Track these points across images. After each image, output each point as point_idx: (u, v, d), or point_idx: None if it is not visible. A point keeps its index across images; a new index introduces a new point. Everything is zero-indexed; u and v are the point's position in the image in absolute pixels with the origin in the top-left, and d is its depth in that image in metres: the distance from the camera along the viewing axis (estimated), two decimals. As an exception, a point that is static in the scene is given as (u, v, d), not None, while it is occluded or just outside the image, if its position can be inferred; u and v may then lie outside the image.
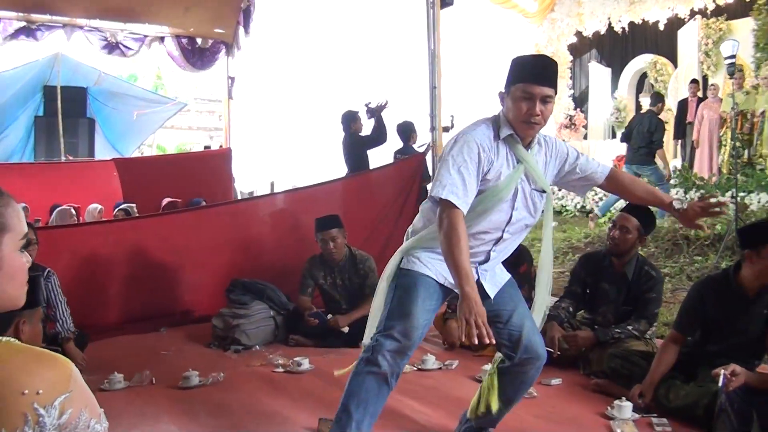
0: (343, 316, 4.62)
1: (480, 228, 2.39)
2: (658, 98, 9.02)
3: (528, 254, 4.53)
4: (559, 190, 10.89)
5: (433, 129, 6.55)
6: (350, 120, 7.27)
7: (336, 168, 8.67)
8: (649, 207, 3.98)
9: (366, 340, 2.48)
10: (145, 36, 9.35)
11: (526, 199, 2.43)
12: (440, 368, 4.01)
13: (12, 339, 1.06)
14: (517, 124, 2.34)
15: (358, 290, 4.80)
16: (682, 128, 11.19)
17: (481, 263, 2.48)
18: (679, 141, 11.49)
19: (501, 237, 2.45)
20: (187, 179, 8.63)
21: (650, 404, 3.19)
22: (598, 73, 14.57)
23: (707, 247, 6.56)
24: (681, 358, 3.39)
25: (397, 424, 3.08)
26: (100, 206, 7.26)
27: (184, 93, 19.96)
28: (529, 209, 2.45)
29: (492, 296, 2.48)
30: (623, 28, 13.53)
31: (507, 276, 2.62)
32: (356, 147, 7.25)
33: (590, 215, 9.37)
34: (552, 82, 2.32)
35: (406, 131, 7.07)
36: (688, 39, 12.23)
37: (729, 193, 8.23)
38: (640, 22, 13.17)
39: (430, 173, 6.40)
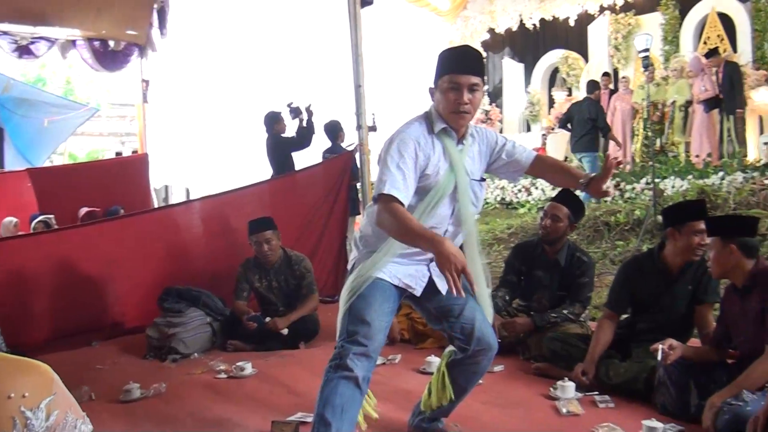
0: (281, 318, 4.57)
1: (428, 224, 2.37)
2: (594, 85, 9.37)
3: None
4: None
5: (359, 128, 6.56)
6: (273, 121, 7.19)
7: (259, 170, 8.59)
8: (578, 195, 4.15)
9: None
10: (56, 39, 8.99)
11: (467, 191, 2.45)
12: (384, 363, 4.02)
13: None
14: (448, 115, 2.36)
15: (294, 291, 4.77)
16: (595, 119, 11.63)
17: (432, 260, 2.46)
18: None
19: (446, 230, 2.47)
20: (104, 187, 8.32)
21: (592, 382, 3.32)
22: (512, 68, 14.93)
23: (627, 232, 6.85)
24: (615, 338, 3.54)
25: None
26: (15, 219, 6.91)
27: (95, 98, 19.28)
28: (471, 200, 2.47)
29: (444, 291, 2.50)
30: (534, 25, 13.91)
31: None
32: (280, 148, 7.18)
33: None
34: (477, 70, 2.33)
35: (334, 130, 7.06)
36: (598, 34, 12.69)
37: (644, 180, 8.63)
38: (551, 18, 13.57)
39: (359, 171, 6.42)
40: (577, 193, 4.05)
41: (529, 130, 14.56)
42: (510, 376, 3.69)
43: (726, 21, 10.88)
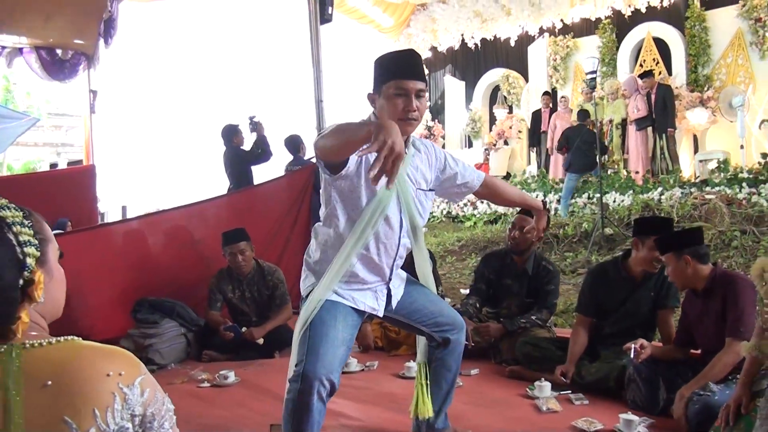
0: (257, 328, 4.65)
1: (379, 240, 2.37)
2: (585, 114, 9.71)
3: (431, 255, 4.82)
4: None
5: (321, 141, 6.72)
6: (231, 134, 7.25)
7: (214, 183, 8.61)
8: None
9: (290, 374, 2.31)
10: (3, 47, 8.78)
11: (413, 201, 2.42)
12: (363, 370, 4.17)
13: (75, 337, 1.16)
14: (396, 122, 2.23)
15: (267, 302, 4.86)
16: (536, 137, 12.09)
17: (390, 280, 2.49)
18: (534, 148, 12.37)
19: (399, 243, 2.43)
20: (50, 199, 8.14)
21: (566, 382, 3.56)
22: (453, 85, 15.31)
23: (575, 244, 7.20)
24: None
25: (341, 423, 3.21)
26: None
27: (35, 107, 18.70)
28: (418, 210, 2.45)
29: (395, 304, 2.53)
30: (476, 44, 14.32)
31: (404, 275, 2.65)
32: (239, 161, 7.24)
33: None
34: (422, 76, 2.29)
35: (295, 144, 7.17)
36: (538, 55, 13.21)
37: (585, 195, 9.05)
38: (492, 38, 14.01)
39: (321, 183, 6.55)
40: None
41: (471, 146, 14.95)
42: (486, 378, 3.89)
43: (661, 45, 11.52)
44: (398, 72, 2.25)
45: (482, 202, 11.18)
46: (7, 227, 1.12)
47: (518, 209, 4.75)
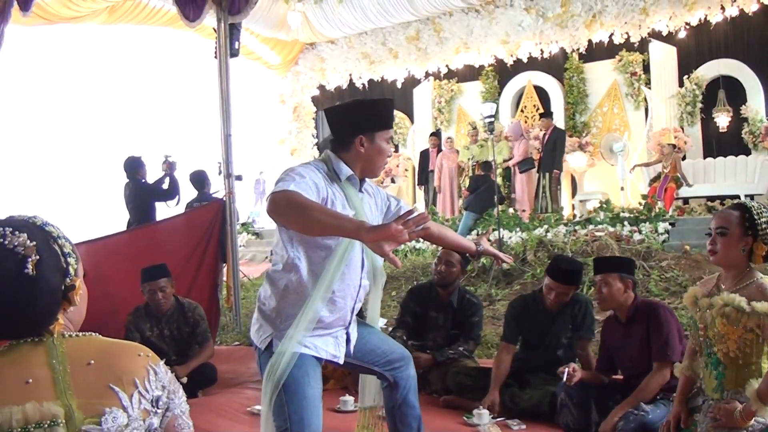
0: (180, 367, 4.51)
1: (343, 284, 2.32)
2: (488, 166, 10.07)
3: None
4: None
5: (229, 176, 6.67)
6: (135, 166, 7.05)
7: (110, 218, 8.27)
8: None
9: None
10: None
11: None
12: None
13: (93, 333, 1.33)
14: (376, 169, 2.41)
15: (186, 340, 4.74)
16: (424, 176, 12.49)
17: (350, 322, 2.45)
18: (423, 186, 12.77)
19: (360, 285, 2.41)
20: None
21: (500, 409, 3.74)
22: (341, 124, 15.52)
23: (474, 278, 7.51)
24: (512, 370, 4.02)
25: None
26: None
27: None
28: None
29: (352, 348, 2.49)
30: (363, 84, 14.65)
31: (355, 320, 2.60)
32: (142, 195, 7.05)
33: None
34: None
35: (200, 180, 7.06)
36: (423, 97, 13.74)
37: (474, 232, 9.46)
38: (380, 79, 14.40)
39: (227, 218, 6.50)
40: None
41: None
42: (422, 409, 3.98)
43: (541, 92, 12.32)
44: (389, 122, 2.41)
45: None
46: (53, 239, 1.30)
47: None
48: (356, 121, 2.37)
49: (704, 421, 2.50)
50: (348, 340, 2.45)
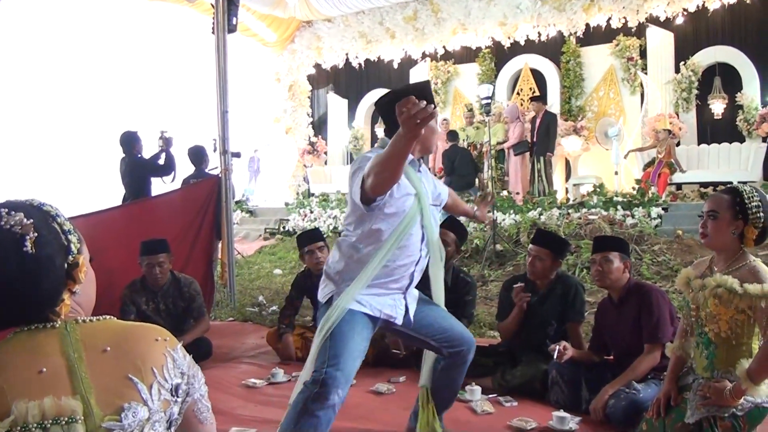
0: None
1: (404, 253, 2.57)
2: (455, 135, 10.11)
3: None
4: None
5: (225, 153, 6.67)
6: (131, 141, 7.02)
7: (105, 192, 8.25)
8: (462, 223, 4.67)
9: (306, 377, 2.47)
10: None
11: (431, 216, 2.67)
12: (289, 380, 4.22)
13: (111, 316, 1.32)
14: (430, 145, 2.67)
15: (182, 314, 4.77)
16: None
17: (407, 288, 2.69)
18: (418, 168, 12.77)
19: (420, 255, 2.65)
20: None
21: (494, 386, 3.81)
22: (336, 103, 15.50)
23: (468, 260, 7.56)
24: (504, 349, 4.07)
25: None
26: None
27: None
28: (434, 222, 2.73)
29: (413, 312, 2.72)
30: (360, 64, 14.61)
31: (416, 295, 2.83)
32: (138, 170, 7.03)
33: None
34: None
35: (199, 156, 7.04)
36: (420, 77, 13.69)
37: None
38: (376, 59, 14.36)
39: (223, 195, 6.51)
40: (462, 219, 4.60)
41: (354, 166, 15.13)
42: (415, 385, 3.98)
43: (538, 76, 12.32)
44: (430, 101, 2.43)
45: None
46: (51, 218, 1.28)
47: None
48: (388, 110, 2.49)
49: (694, 399, 2.56)
50: (407, 308, 2.68)
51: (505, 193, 9.90)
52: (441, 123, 12.12)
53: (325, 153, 15.29)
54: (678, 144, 10.35)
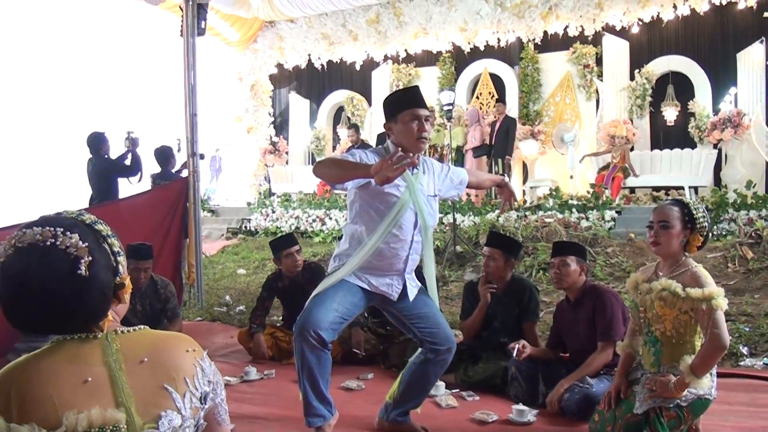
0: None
1: (395, 235, 2.90)
2: (357, 128, 10.29)
3: (323, 270, 5.10)
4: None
5: (194, 155, 6.76)
6: (98, 142, 7.06)
7: (70, 194, 8.22)
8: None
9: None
10: None
11: (425, 204, 2.96)
12: (262, 378, 4.37)
13: (146, 327, 1.43)
14: (411, 142, 2.87)
15: (157, 315, 4.88)
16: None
17: (405, 269, 3.02)
18: (379, 168, 12.95)
19: (413, 240, 2.96)
20: None
21: (456, 381, 4.02)
22: (298, 103, 15.55)
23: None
24: (464, 347, 4.29)
25: (263, 426, 3.44)
26: None
27: None
28: (429, 212, 2.99)
29: (411, 298, 3.04)
30: (322, 65, 14.70)
31: (419, 285, 3.15)
32: (106, 171, 7.08)
33: None
34: (426, 105, 2.94)
35: (165, 156, 7.11)
36: (381, 80, 13.88)
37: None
38: (338, 61, 14.48)
39: (191, 197, 6.61)
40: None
41: (314, 163, 15.23)
42: (382, 381, 4.24)
43: (497, 80, 12.61)
44: (411, 103, 2.90)
45: (330, 218, 11.54)
46: (103, 239, 1.36)
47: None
48: (385, 112, 2.97)
49: (642, 392, 2.81)
50: (405, 290, 3.02)
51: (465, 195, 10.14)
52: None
53: (287, 153, 15.35)
54: (632, 149, 10.72)
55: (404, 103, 2.90)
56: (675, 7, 10.79)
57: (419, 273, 3.15)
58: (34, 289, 1.25)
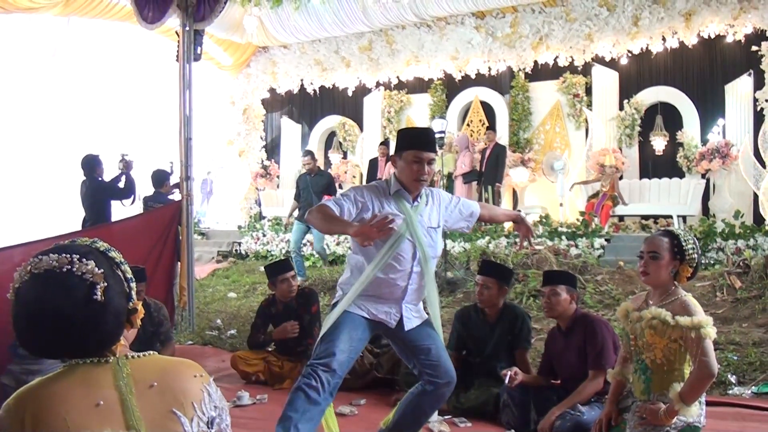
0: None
1: (392, 265, 2.93)
2: (312, 155, 9.83)
3: (316, 295, 5.14)
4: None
5: (188, 179, 6.80)
6: (93, 165, 7.10)
7: (62, 217, 8.22)
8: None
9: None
10: None
11: (424, 236, 2.99)
12: (254, 403, 4.39)
13: (155, 352, 1.46)
14: (409, 182, 2.96)
15: (150, 338, 4.87)
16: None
17: (404, 299, 3.04)
18: (370, 194, 13.01)
19: (411, 270, 2.98)
20: None
21: (448, 408, 4.05)
22: (290, 127, 15.60)
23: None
24: (458, 372, 4.32)
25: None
26: None
27: None
28: (429, 243, 3.02)
29: (407, 328, 3.05)
30: (315, 90, 14.80)
31: (425, 316, 3.18)
32: (99, 192, 7.11)
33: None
34: (435, 148, 3.01)
35: (159, 180, 7.16)
36: (373, 106, 14.01)
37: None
38: (331, 86, 14.59)
39: (184, 220, 6.64)
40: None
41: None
42: (374, 406, 4.28)
43: (487, 108, 12.75)
44: (418, 144, 2.97)
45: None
46: (116, 265, 1.42)
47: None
48: (396, 143, 3.07)
49: (632, 420, 2.85)
50: (402, 317, 3.03)
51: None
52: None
53: (278, 177, 15.40)
54: (621, 178, 10.84)
55: (412, 143, 2.97)
56: (664, 39, 10.98)
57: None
58: (51, 315, 1.29)
